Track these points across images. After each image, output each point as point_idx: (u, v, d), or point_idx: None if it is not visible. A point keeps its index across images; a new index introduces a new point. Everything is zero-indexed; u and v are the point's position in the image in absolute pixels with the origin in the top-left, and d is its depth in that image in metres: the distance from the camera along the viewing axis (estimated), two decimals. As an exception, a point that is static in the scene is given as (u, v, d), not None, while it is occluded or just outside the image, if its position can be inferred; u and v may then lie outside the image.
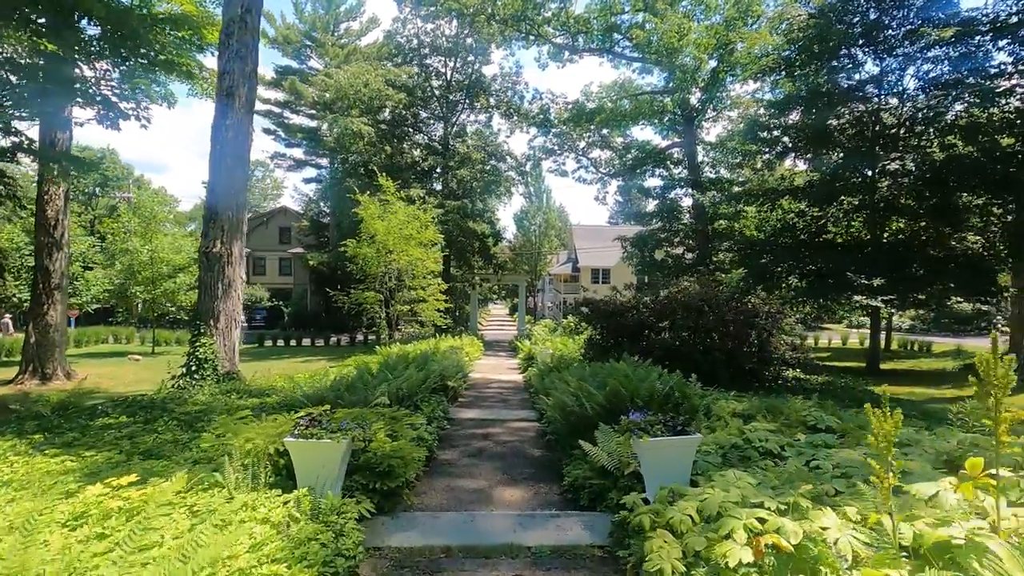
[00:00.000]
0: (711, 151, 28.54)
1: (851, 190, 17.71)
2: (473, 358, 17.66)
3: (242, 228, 9.48)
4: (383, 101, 29.12)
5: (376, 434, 4.49)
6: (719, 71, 24.76)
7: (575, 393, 6.10)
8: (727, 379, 10.01)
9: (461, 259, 32.38)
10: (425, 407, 7.47)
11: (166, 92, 13.25)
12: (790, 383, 10.95)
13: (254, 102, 9.82)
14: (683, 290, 11.44)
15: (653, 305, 11.60)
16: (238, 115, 9.10)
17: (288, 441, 3.75)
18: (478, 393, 11.60)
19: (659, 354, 10.12)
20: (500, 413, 9.02)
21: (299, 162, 44.82)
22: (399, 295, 17.99)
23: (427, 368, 8.70)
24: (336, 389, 6.45)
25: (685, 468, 3.73)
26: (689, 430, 3.79)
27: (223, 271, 8.97)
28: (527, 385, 12.19)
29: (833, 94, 17.75)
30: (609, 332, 11.57)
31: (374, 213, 17.42)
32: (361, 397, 6.45)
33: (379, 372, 7.96)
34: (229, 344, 9.24)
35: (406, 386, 7.39)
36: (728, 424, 4.96)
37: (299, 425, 3.91)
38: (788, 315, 11.52)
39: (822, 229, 18.46)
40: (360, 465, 4.24)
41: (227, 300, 9.05)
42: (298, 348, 31.39)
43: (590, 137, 32.25)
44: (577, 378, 7.11)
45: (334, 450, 3.69)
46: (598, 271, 50.03)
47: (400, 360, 9.95)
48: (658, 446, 3.67)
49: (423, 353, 11.63)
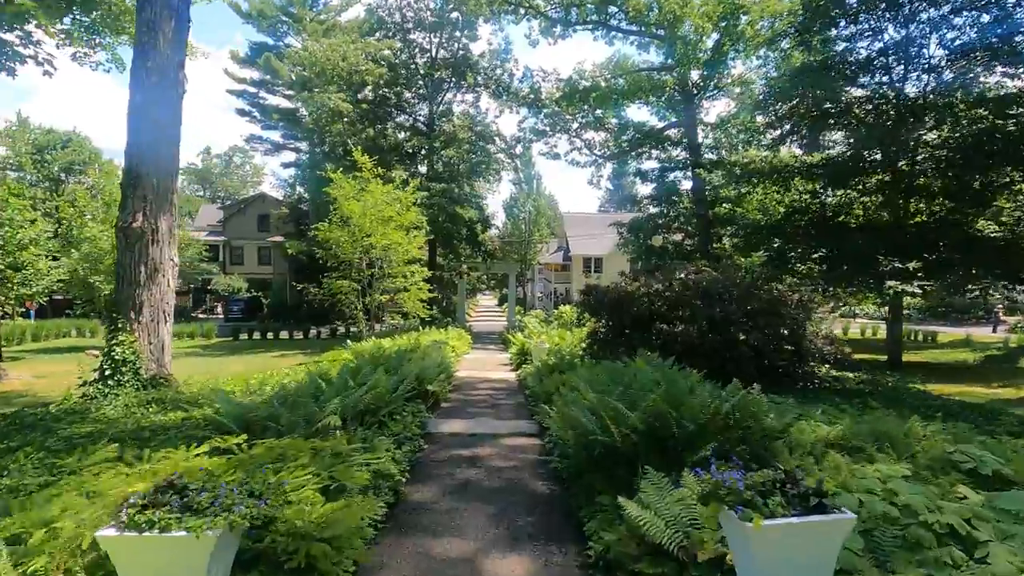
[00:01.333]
0: (712, 131, 26.95)
1: (870, 169, 16.24)
2: (460, 353, 16.00)
3: (172, 199, 7.65)
4: (363, 77, 27.12)
5: (294, 494, 2.81)
6: (723, 44, 23.11)
7: (594, 410, 4.47)
8: (756, 379, 8.46)
9: (448, 246, 30.65)
10: (395, 424, 5.82)
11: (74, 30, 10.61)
12: (827, 383, 9.44)
13: (185, 43, 7.98)
14: (701, 274, 9.83)
15: (667, 292, 10.00)
16: (164, 55, 7.27)
17: (104, 537, 2.10)
18: (465, 396, 9.95)
19: (678, 350, 8.54)
20: (491, 425, 7.38)
21: (277, 145, 42.47)
22: (377, 284, 16.21)
23: (402, 371, 7.02)
24: (273, 405, 4.76)
25: (822, 569, 2.13)
26: (830, 505, 2.17)
27: (146, 251, 7.19)
28: (522, 386, 10.56)
29: (850, 64, 16.24)
30: (616, 324, 9.96)
31: (348, 192, 15.60)
32: (305, 415, 4.78)
33: (338, 379, 6.27)
34: (157, 342, 7.48)
35: (370, 397, 5.71)
36: (826, 461, 3.39)
37: (131, 505, 2.18)
38: (819, 303, 9.98)
39: (841, 210, 16.99)
40: (263, 552, 2.58)
41: (152, 287, 7.29)
42: (275, 342, 29.68)
43: (583, 118, 30.50)
44: (591, 385, 5.48)
45: (194, 550, 2.05)
46: (590, 260, 48.45)
47: (372, 360, 8.26)
48: (779, 535, 2.07)
49: (399, 351, 9.94)
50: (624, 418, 4.07)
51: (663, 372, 5.76)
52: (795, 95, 17.11)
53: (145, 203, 7.23)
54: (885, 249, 12.68)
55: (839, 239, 15.40)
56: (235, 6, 37.37)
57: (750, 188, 21.37)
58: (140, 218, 7.20)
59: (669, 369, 6.10)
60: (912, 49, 16.35)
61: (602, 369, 6.71)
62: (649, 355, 7.65)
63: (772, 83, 18.91)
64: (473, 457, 5.86)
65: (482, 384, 11.40)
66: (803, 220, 17.38)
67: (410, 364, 8.18)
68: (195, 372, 17.56)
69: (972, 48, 15.21)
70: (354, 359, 9.69)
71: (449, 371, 10.17)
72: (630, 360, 7.72)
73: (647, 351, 7.87)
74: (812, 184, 17.86)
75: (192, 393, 7.28)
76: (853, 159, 15.91)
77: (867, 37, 17.09)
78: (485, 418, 8.07)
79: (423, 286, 16.85)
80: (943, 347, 23.03)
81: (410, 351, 10.00)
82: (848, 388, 9.12)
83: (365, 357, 9.60)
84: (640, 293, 10.06)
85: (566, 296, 50.96)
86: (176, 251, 7.76)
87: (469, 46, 31.77)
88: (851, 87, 17.12)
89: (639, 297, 10.08)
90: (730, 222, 24.02)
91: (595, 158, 31.28)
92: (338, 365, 7.83)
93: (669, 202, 26.46)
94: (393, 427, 5.65)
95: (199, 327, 31.99)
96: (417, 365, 8.11)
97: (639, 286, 10.32)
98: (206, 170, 70.50)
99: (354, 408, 5.32)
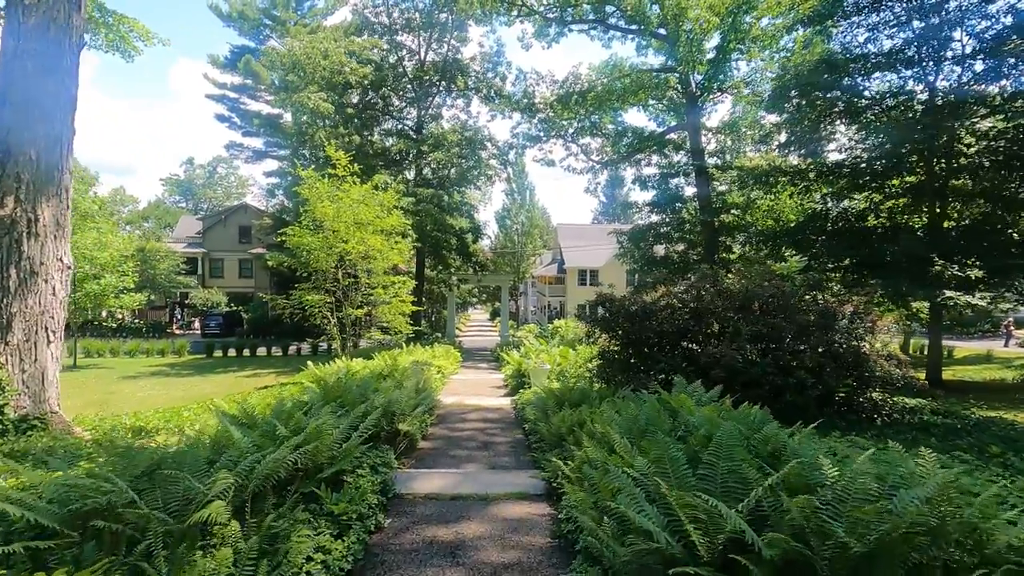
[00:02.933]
0: (716, 136, 25.48)
1: (902, 169, 14.72)
2: (448, 373, 14.11)
3: (62, 180, 5.74)
4: (347, 78, 25.44)
5: None
6: (729, 41, 21.69)
7: (650, 492, 2.63)
8: (814, 413, 6.68)
9: (437, 257, 28.80)
10: (340, 497, 3.94)
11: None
12: (897, 415, 7.65)
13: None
14: (749, 280, 8.04)
15: (694, 304, 8.22)
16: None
17: None
18: (449, 432, 8.06)
19: (718, 375, 6.75)
20: (483, 481, 5.50)
21: (259, 153, 40.60)
22: (354, 296, 14.32)
23: (357, 409, 5.14)
24: (117, 485, 2.86)
25: None
26: None
27: (17, 248, 5.29)
28: (520, 417, 8.70)
29: (873, 55, 14.81)
30: (635, 341, 8.15)
31: (321, 193, 13.77)
32: (178, 498, 2.90)
33: (262, 424, 4.39)
34: (34, 369, 5.52)
35: (301, 454, 3.83)
36: None
37: None
38: (877, 315, 8.26)
39: (864, 215, 15.43)
40: None
41: (28, 297, 5.39)
42: (250, 359, 27.81)
43: (580, 122, 28.98)
44: (627, 434, 3.66)
45: None
46: (585, 272, 46.79)
47: (331, 390, 6.36)
48: None
49: (372, 374, 8.06)
50: (717, 523, 2.23)
51: (730, 414, 3.96)
52: (815, 87, 15.63)
53: (19, 184, 5.34)
54: (937, 253, 11.00)
55: (869, 245, 13.80)
56: (215, 7, 35.79)
57: (762, 192, 19.85)
58: (11, 203, 5.30)
59: (734, 410, 4.29)
60: (937, 41, 14.93)
61: (632, 406, 4.88)
62: (684, 383, 5.86)
63: (785, 78, 17.46)
64: (455, 544, 3.97)
65: (472, 414, 9.50)
66: (825, 225, 15.81)
67: (379, 394, 6.30)
68: (150, 396, 15.59)
69: (1005, 38, 13.78)
70: (316, 385, 7.81)
71: (431, 399, 8.30)
72: (658, 389, 5.92)
73: (678, 377, 6.08)
74: (835, 186, 16.33)
75: (75, 441, 5.34)
76: (888, 156, 14.37)
77: (892, 26, 15.70)
78: (475, 465, 6.19)
79: (407, 298, 14.95)
80: (964, 363, 21.48)
81: (382, 375, 8.12)
82: (929, 422, 7.33)
83: (328, 383, 7.73)
84: (663, 304, 8.28)
85: (560, 310, 49.13)
86: (68, 249, 5.86)
87: (460, 48, 30.31)
88: (873, 80, 15.73)
89: (660, 309, 8.29)
90: (738, 230, 22.53)
91: (592, 164, 29.70)
92: (265, 405, 5.94)
93: (673, 209, 24.92)
94: (334, 504, 3.76)
95: (171, 344, 29.96)
96: (386, 395, 6.23)
97: (661, 295, 8.54)
98: (189, 181, 68.35)
99: (268, 477, 3.44)
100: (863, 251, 13.64)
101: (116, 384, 18.12)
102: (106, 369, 23.03)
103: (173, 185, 67.20)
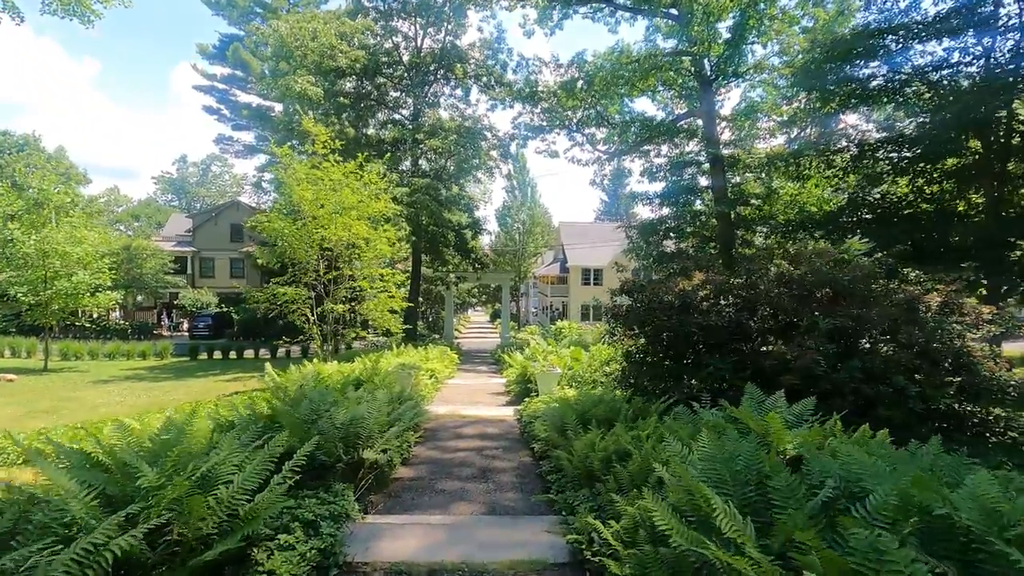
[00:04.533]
0: (735, 120, 23.82)
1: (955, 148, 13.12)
2: (443, 377, 12.41)
3: None
4: (337, 61, 23.78)
5: None
6: (749, 18, 20.06)
7: None
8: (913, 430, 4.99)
9: (434, 254, 27.13)
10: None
11: None
12: (1012, 434, 5.95)
13: None
14: (809, 264, 6.32)
15: (746, 292, 6.55)
16: None
17: None
18: (438, 453, 6.38)
19: (789, 382, 5.07)
20: (479, 540, 3.80)
21: (249, 148, 39.04)
22: (337, 291, 12.64)
23: (321, 423, 3.46)
24: None
25: None
26: None
27: None
28: (527, 434, 7.01)
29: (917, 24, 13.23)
30: (671, 341, 6.45)
31: (299, 174, 12.11)
32: None
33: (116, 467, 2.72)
34: None
35: (151, 527, 2.14)
36: None
37: None
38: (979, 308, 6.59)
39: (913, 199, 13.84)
40: None
41: None
42: (235, 361, 26.28)
43: (585, 111, 27.35)
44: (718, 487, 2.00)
45: None
46: (589, 271, 45.11)
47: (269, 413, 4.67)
48: None
49: (345, 381, 6.39)
50: None
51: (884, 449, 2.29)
52: (850, 59, 14.08)
53: None
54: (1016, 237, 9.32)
55: (925, 230, 12.15)
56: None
57: (786, 179, 18.24)
58: None
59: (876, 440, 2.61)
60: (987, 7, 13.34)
61: (713, 439, 3.16)
62: (759, 394, 4.21)
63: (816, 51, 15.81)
64: None
65: (468, 428, 7.81)
66: (863, 212, 14.20)
67: (338, 409, 4.62)
68: (108, 404, 13.88)
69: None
70: (271, 395, 6.15)
71: (418, 411, 6.60)
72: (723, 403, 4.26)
73: (749, 386, 4.42)
74: (873, 169, 14.72)
75: None
76: (936, 135, 12.74)
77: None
78: (468, 507, 4.51)
79: (396, 294, 13.26)
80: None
81: (358, 382, 6.44)
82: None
83: (288, 392, 6.07)
84: (706, 293, 6.59)
85: (563, 311, 47.42)
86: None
87: (458, 33, 28.71)
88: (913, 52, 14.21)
89: (705, 299, 6.61)
90: (757, 222, 20.95)
91: (598, 155, 28.05)
92: (242, 400, 4.24)
93: (685, 202, 23.33)
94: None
95: (152, 345, 28.35)
96: (349, 411, 4.55)
97: (699, 283, 6.83)
98: (182, 179, 66.67)
99: None
100: (916, 236, 11.99)
101: (80, 390, 16.47)
102: (79, 373, 21.41)
103: (166, 183, 65.49)
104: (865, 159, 14.77)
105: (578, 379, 9.14)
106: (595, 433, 4.37)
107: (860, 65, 14.44)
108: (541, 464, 5.58)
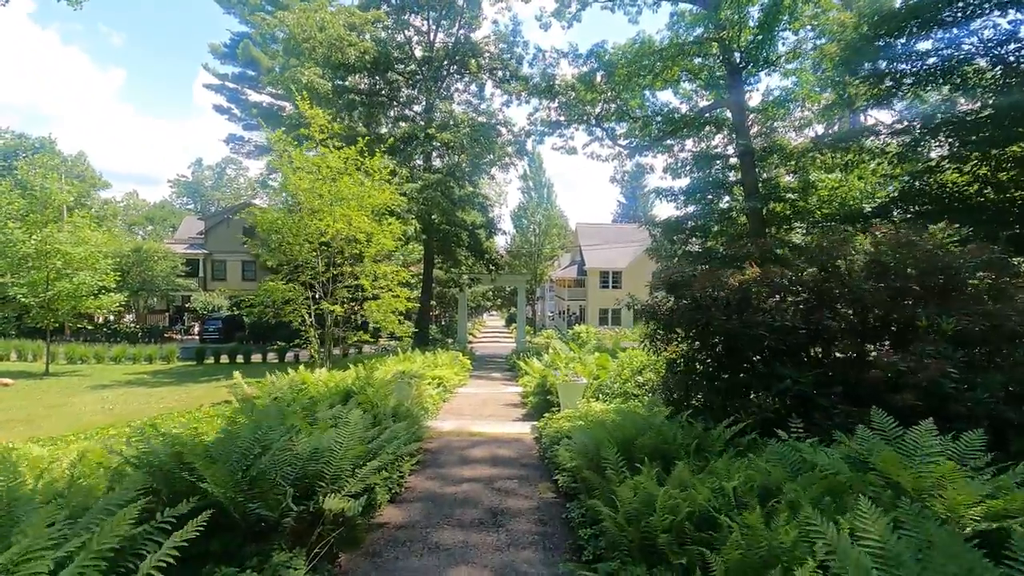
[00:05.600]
0: (765, 111, 22.33)
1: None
2: (452, 386, 11.18)
3: None
4: (347, 54, 22.81)
5: None
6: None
7: None
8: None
9: (447, 254, 25.99)
10: None
11: None
12: None
13: None
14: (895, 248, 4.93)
15: (816, 285, 5.21)
16: None
17: None
18: (438, 485, 5.15)
19: (907, 400, 3.74)
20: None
21: (260, 148, 38.39)
22: (336, 291, 11.49)
23: (259, 460, 2.25)
24: None
25: None
26: None
27: None
28: (549, 460, 5.74)
29: None
30: (731, 348, 5.14)
31: (295, 162, 11.02)
32: None
33: None
34: None
35: None
36: None
37: None
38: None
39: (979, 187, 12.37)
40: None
41: None
42: (242, 365, 25.30)
43: (605, 104, 26.05)
44: None
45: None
46: (607, 273, 43.58)
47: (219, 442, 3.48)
48: None
49: (332, 391, 5.19)
50: None
51: None
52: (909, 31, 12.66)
53: None
54: None
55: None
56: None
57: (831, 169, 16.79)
58: None
59: None
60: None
61: (874, 513, 1.89)
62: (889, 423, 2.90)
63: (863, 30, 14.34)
64: None
65: (476, 450, 6.56)
66: (923, 200, 12.74)
67: (301, 438, 3.41)
68: (100, 411, 12.94)
69: None
70: (232, 412, 4.98)
71: (416, 430, 5.36)
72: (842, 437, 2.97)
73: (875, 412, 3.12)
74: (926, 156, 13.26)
75: None
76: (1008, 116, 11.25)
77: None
78: (471, 572, 3.26)
79: (401, 293, 12.07)
80: None
81: (348, 393, 5.24)
82: None
83: (256, 406, 4.89)
84: (772, 286, 5.27)
85: (581, 315, 45.96)
86: None
87: (472, 26, 27.66)
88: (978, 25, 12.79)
89: (766, 297, 5.29)
90: (793, 218, 19.48)
91: (619, 150, 26.70)
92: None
93: (712, 198, 21.94)
94: None
95: (159, 349, 27.61)
96: (310, 443, 3.33)
97: (754, 277, 5.49)
98: (197, 183, 66.62)
99: None
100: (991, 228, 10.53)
101: (77, 395, 15.58)
102: (80, 377, 20.63)
103: (181, 187, 65.50)
104: (920, 146, 13.32)
105: (605, 390, 7.84)
106: (647, 474, 3.11)
107: (914, 40, 12.99)
108: (568, 506, 4.31)
